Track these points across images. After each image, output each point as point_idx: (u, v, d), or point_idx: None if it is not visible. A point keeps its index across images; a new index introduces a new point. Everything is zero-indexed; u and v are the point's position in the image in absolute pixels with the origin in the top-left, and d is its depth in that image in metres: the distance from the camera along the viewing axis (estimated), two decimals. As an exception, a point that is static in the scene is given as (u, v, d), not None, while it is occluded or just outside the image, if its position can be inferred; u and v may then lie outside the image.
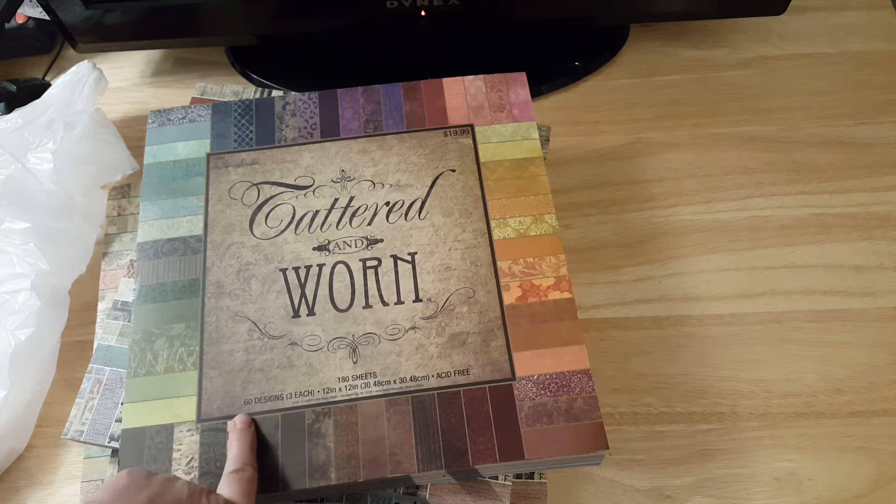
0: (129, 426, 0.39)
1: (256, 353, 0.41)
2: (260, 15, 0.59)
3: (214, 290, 0.42)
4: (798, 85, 0.62)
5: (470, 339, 0.41)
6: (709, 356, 0.49)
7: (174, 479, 0.34)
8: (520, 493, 0.42)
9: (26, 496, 0.46)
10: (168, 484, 0.33)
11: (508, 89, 0.49)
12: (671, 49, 0.65)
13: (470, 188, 0.45)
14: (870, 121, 0.60)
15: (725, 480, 0.45)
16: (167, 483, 0.33)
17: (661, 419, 0.47)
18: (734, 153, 0.58)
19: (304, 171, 0.46)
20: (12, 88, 0.57)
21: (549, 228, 0.44)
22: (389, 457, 0.38)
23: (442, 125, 0.47)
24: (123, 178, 0.54)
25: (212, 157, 0.47)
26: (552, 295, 0.42)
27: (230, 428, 0.38)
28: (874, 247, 0.54)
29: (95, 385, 0.44)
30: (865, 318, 0.50)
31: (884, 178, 0.57)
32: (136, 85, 0.65)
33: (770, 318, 0.51)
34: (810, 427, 0.47)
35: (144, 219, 0.45)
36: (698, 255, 0.53)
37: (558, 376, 0.40)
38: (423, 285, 0.42)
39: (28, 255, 0.47)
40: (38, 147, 0.50)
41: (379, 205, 0.45)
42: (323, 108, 0.48)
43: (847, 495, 0.44)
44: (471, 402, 0.39)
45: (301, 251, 0.43)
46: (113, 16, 0.56)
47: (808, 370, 0.49)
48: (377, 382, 0.40)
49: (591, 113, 0.62)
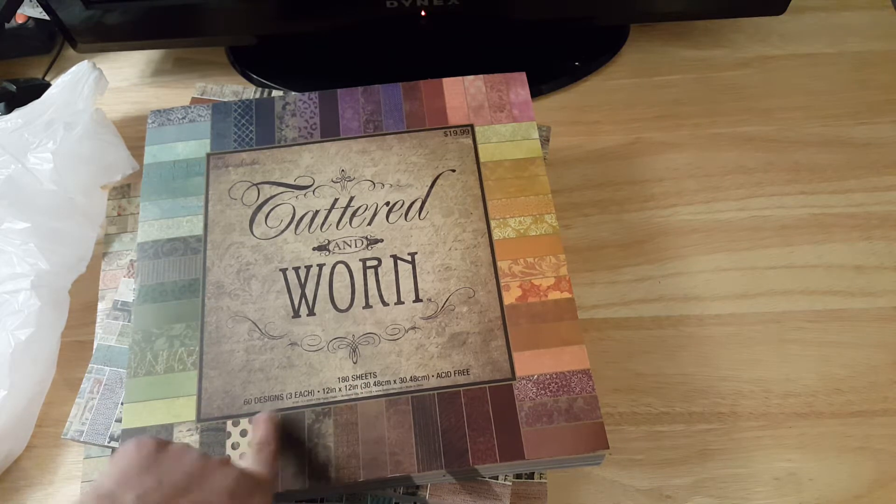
0: (129, 426, 0.39)
1: (256, 353, 0.41)
2: (260, 15, 0.59)
3: (214, 290, 0.42)
4: (798, 85, 0.62)
5: (470, 339, 0.41)
6: (709, 356, 0.49)
7: (185, 449, 0.32)
8: (520, 493, 0.42)
9: (26, 496, 0.46)
10: (179, 456, 0.31)
11: (508, 89, 0.49)
12: (671, 49, 0.65)
13: (470, 188, 0.45)
14: (870, 121, 0.60)
15: (725, 480, 0.45)
16: (179, 455, 0.31)
17: (661, 419, 0.47)
18: (734, 153, 0.58)
19: (304, 171, 0.46)
20: (12, 88, 0.57)
21: (549, 228, 0.44)
22: (389, 457, 0.38)
23: (442, 125, 0.47)
24: (123, 178, 0.54)
25: (212, 157, 0.47)
26: (552, 295, 0.42)
27: (254, 420, 0.38)
28: (874, 247, 0.54)
29: (95, 385, 0.44)
30: (865, 318, 0.50)
31: (884, 178, 0.57)
32: (136, 85, 0.65)
33: (770, 318, 0.51)
34: (810, 427, 0.47)
35: (144, 219, 0.45)
36: (698, 255, 0.53)
37: (558, 376, 0.40)
38: (423, 285, 0.42)
39: (28, 255, 0.47)
40: (38, 147, 0.50)
41: (379, 205, 0.45)
42: (323, 108, 0.48)
43: (847, 495, 0.44)
44: (471, 402, 0.39)
45: (301, 251, 0.43)
46: (113, 16, 0.56)
47: (808, 370, 0.49)
48: (377, 382, 0.40)
49: (591, 113, 0.62)
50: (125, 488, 0.29)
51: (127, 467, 0.30)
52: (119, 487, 0.29)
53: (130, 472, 0.30)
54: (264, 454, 0.35)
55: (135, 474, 0.30)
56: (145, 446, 0.31)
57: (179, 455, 0.31)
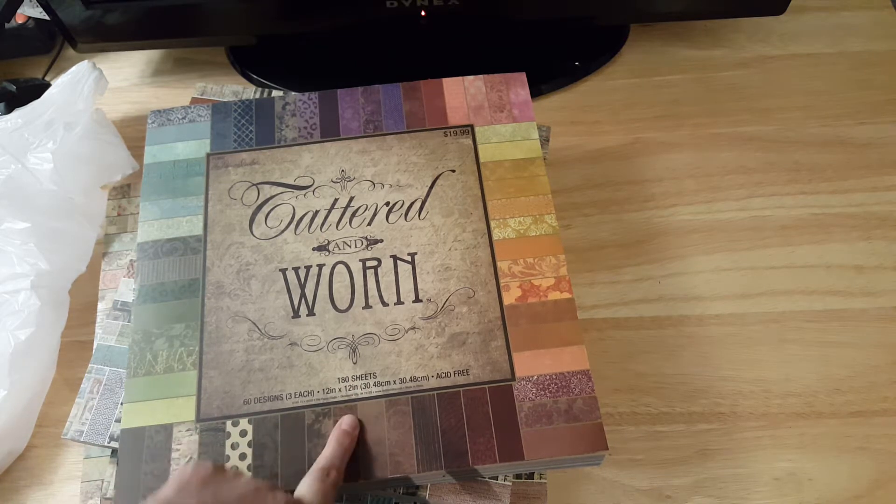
0: (129, 426, 0.39)
1: (256, 353, 0.41)
2: (260, 15, 0.59)
3: (214, 290, 0.42)
4: (798, 85, 0.62)
5: (470, 339, 0.41)
6: (709, 356, 0.49)
7: (240, 474, 0.34)
8: (520, 493, 0.42)
9: (26, 496, 0.46)
10: (235, 478, 0.33)
11: (508, 89, 0.49)
12: (671, 49, 0.65)
13: (470, 188, 0.45)
14: (870, 121, 0.60)
15: (725, 480, 0.45)
16: (234, 477, 0.33)
17: (661, 419, 0.47)
18: (734, 153, 0.58)
19: (304, 171, 0.46)
20: (12, 88, 0.57)
21: (549, 228, 0.44)
22: (389, 457, 0.38)
23: (442, 125, 0.47)
24: (123, 178, 0.54)
25: (212, 157, 0.47)
26: (552, 295, 0.42)
27: (335, 426, 0.38)
28: (874, 247, 0.53)
29: (95, 385, 0.44)
30: (865, 318, 0.50)
31: (884, 178, 0.57)
32: (136, 85, 0.65)
33: (770, 318, 0.51)
34: (810, 427, 0.47)
35: (144, 219, 0.45)
36: (698, 255, 0.53)
37: (558, 377, 0.40)
38: (423, 285, 0.42)
39: (28, 255, 0.47)
40: (38, 147, 0.50)
41: (379, 205, 0.45)
42: (323, 108, 0.48)
43: (847, 495, 0.44)
44: (471, 402, 0.39)
45: (301, 251, 0.43)
46: (113, 16, 0.57)
47: (808, 370, 0.49)
48: (377, 383, 0.40)
49: (591, 113, 0.62)
50: (183, 497, 0.31)
51: (186, 482, 0.32)
52: (177, 496, 0.31)
53: (189, 486, 0.32)
54: (323, 485, 0.35)
55: (193, 488, 0.32)
56: (204, 467, 0.33)
57: (235, 477, 0.33)
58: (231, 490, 0.32)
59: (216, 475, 0.33)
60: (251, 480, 0.33)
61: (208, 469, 0.33)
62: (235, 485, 0.33)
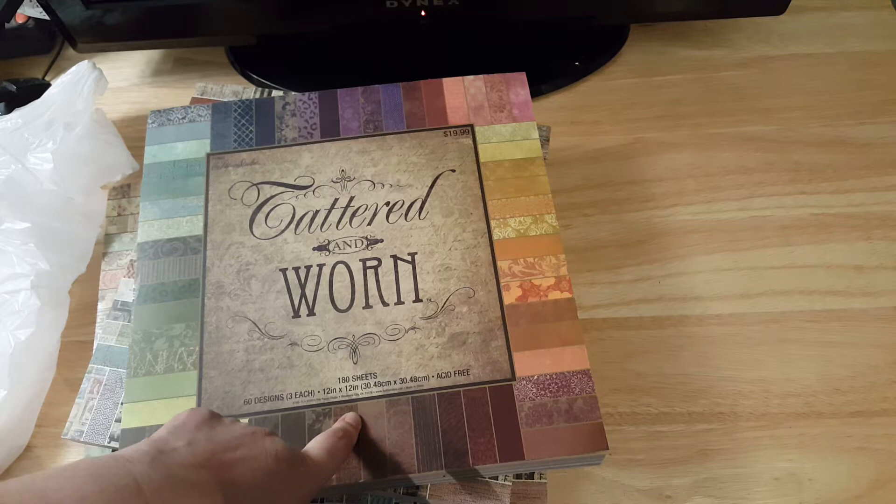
0: (129, 426, 0.39)
1: (256, 353, 0.41)
2: (260, 15, 0.59)
3: (214, 290, 0.42)
4: (798, 85, 0.62)
5: (470, 339, 0.41)
6: (709, 356, 0.49)
7: (237, 421, 0.34)
8: (520, 493, 0.42)
9: (26, 496, 0.46)
10: (231, 423, 0.33)
11: (508, 89, 0.49)
12: (671, 49, 0.65)
13: (470, 188, 0.45)
14: (870, 121, 0.60)
15: (725, 480, 0.45)
16: (230, 423, 0.33)
17: (661, 419, 0.47)
18: (734, 153, 0.58)
19: (304, 171, 0.46)
20: (12, 88, 0.57)
21: (549, 228, 0.44)
22: (389, 457, 0.38)
23: (442, 125, 0.47)
24: (123, 178, 0.54)
25: (212, 157, 0.47)
26: (552, 295, 0.42)
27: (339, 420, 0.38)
28: (874, 247, 0.53)
29: (95, 385, 0.44)
30: (865, 318, 0.50)
31: (884, 178, 0.57)
32: (136, 85, 0.65)
33: (770, 318, 0.51)
34: (810, 427, 0.47)
35: (144, 219, 0.45)
36: (698, 255, 0.53)
37: (558, 376, 0.40)
38: (423, 285, 0.42)
39: (28, 255, 0.47)
40: (38, 147, 0.50)
41: (379, 205, 0.45)
42: (323, 108, 0.48)
43: (847, 495, 0.44)
44: (471, 402, 0.39)
45: (301, 251, 0.43)
46: (113, 16, 0.56)
47: (808, 370, 0.49)
48: (377, 383, 0.40)
49: (591, 113, 0.62)
50: (177, 437, 0.31)
51: (181, 424, 0.32)
52: (171, 436, 0.31)
53: (184, 427, 0.32)
54: (332, 440, 0.35)
55: (188, 429, 0.32)
56: (200, 412, 0.33)
57: (231, 423, 0.33)
58: (226, 433, 0.32)
59: (212, 420, 0.33)
60: (247, 426, 0.33)
61: (204, 414, 0.33)
62: (231, 429, 0.33)
